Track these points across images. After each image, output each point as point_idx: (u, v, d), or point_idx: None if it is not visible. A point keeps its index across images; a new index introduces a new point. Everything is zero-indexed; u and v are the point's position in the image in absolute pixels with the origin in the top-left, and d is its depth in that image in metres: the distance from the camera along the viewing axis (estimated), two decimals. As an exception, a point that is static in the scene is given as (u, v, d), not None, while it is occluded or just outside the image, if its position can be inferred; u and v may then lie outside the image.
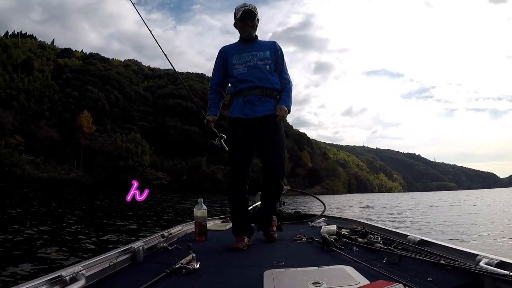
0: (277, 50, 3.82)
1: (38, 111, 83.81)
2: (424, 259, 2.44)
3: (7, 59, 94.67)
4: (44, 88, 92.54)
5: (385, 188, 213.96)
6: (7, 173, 60.72)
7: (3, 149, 66.70)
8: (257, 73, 3.66)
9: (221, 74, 3.85)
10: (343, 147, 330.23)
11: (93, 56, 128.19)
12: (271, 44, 3.85)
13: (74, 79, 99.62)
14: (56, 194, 28.96)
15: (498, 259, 2.09)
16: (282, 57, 3.89)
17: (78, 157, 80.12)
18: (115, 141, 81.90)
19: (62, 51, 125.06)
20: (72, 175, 73.74)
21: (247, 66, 3.68)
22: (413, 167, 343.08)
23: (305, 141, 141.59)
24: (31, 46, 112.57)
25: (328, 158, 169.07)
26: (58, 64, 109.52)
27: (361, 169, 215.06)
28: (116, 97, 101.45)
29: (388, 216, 19.10)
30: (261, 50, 3.75)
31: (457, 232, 11.01)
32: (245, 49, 3.76)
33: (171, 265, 2.44)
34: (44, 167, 72.76)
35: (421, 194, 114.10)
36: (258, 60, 3.69)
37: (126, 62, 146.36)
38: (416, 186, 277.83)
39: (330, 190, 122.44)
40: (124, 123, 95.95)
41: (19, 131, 73.77)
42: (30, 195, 24.31)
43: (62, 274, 1.98)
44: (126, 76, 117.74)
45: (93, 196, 30.21)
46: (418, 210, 22.26)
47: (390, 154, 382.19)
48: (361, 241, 3.13)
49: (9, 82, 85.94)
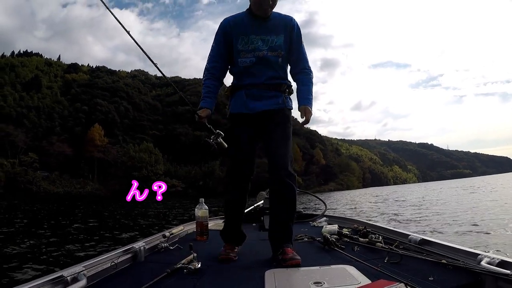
0: (293, 31, 3.04)
1: (49, 128, 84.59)
2: (426, 259, 2.44)
3: (15, 78, 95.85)
4: (54, 104, 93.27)
5: (400, 180, 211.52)
6: (22, 190, 61.17)
7: (17, 167, 67.58)
8: (266, 69, 2.98)
9: (222, 58, 3.06)
10: (355, 141, 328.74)
11: (100, 69, 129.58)
12: (286, 23, 3.04)
13: (83, 93, 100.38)
14: (68, 207, 28.95)
15: (499, 258, 2.08)
16: (300, 39, 3.10)
17: (92, 170, 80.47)
18: (128, 152, 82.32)
19: (69, 66, 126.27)
20: (88, 189, 74.00)
21: (255, 56, 2.95)
22: (426, 156, 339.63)
23: (317, 139, 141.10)
24: (38, 64, 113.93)
25: (341, 153, 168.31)
26: (66, 79, 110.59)
27: (374, 162, 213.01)
28: (125, 108, 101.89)
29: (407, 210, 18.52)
30: (274, 33, 2.99)
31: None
32: (255, 29, 2.97)
33: (172, 265, 2.45)
34: (60, 182, 73.39)
35: (436, 183, 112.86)
36: (269, 50, 2.96)
37: (133, 73, 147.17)
38: (431, 176, 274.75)
39: (345, 186, 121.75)
40: (135, 133, 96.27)
41: (32, 148, 74.81)
42: (41, 210, 24.34)
43: (64, 274, 1.98)
44: (134, 87, 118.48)
45: (104, 207, 30.18)
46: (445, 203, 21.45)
47: (403, 145, 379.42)
48: (363, 240, 3.14)
49: (19, 101, 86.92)
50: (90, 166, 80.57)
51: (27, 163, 70.28)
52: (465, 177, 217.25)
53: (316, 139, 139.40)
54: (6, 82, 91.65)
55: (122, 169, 78.76)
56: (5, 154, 70.11)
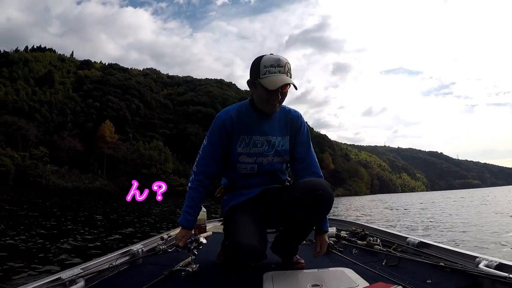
0: (300, 133, 2.57)
1: (61, 123, 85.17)
2: (424, 261, 2.44)
3: (28, 73, 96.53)
4: (66, 100, 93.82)
5: (408, 188, 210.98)
6: (32, 183, 61.52)
7: (28, 161, 68.06)
8: (269, 177, 2.57)
9: (216, 161, 2.51)
10: (364, 147, 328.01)
11: (113, 67, 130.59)
12: (293, 122, 2.55)
13: (95, 90, 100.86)
14: (72, 202, 28.93)
15: (497, 261, 2.09)
16: (309, 142, 2.61)
17: (102, 166, 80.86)
18: (138, 149, 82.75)
19: (82, 63, 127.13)
20: (97, 184, 74.40)
21: (257, 163, 2.49)
22: (435, 165, 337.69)
23: (327, 143, 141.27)
24: (51, 59, 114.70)
25: (350, 159, 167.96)
26: (79, 75, 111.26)
27: (383, 169, 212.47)
28: (137, 106, 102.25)
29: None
30: (280, 132, 2.51)
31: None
32: (259, 126, 2.47)
33: (170, 267, 2.42)
34: (69, 177, 73.74)
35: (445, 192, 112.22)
36: (275, 155, 2.50)
37: (145, 71, 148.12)
38: (440, 185, 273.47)
39: (353, 192, 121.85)
40: (146, 131, 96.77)
41: (43, 142, 75.36)
42: (44, 205, 24.16)
43: (61, 277, 1.99)
44: (146, 85, 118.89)
45: (109, 204, 30.32)
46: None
47: (412, 153, 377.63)
48: (361, 243, 3.14)
49: (31, 95, 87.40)
50: (100, 162, 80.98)
51: (38, 156, 70.69)
52: (474, 188, 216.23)
53: (325, 143, 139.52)
54: (19, 76, 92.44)
55: (132, 166, 79.06)
56: (16, 147, 70.33)
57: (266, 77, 2.26)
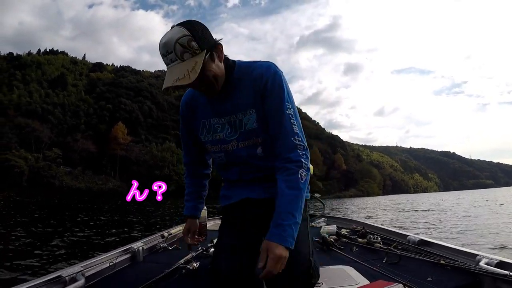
0: (266, 92, 1.71)
1: (74, 124, 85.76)
2: (424, 259, 2.45)
3: (42, 76, 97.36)
4: (79, 102, 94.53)
5: (420, 188, 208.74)
6: (45, 184, 61.87)
7: (41, 162, 68.56)
8: (246, 169, 1.89)
9: (192, 151, 2.08)
10: (376, 147, 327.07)
11: (125, 69, 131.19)
12: (256, 82, 1.73)
13: (107, 92, 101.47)
14: (82, 203, 29.01)
15: (497, 259, 2.10)
16: (280, 103, 1.72)
17: (115, 167, 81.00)
18: (150, 151, 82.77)
19: (94, 65, 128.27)
20: (109, 185, 74.68)
21: (223, 151, 1.88)
22: (448, 165, 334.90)
23: (338, 144, 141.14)
24: (64, 62, 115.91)
25: (362, 159, 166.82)
26: (91, 78, 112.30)
27: (395, 169, 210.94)
28: (149, 108, 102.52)
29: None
30: (242, 105, 1.77)
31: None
32: (217, 105, 1.83)
33: (170, 265, 2.46)
34: (82, 178, 74.14)
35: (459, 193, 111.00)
36: (239, 139, 1.81)
37: (156, 73, 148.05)
38: (452, 185, 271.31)
39: (365, 192, 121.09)
40: (158, 133, 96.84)
41: (56, 144, 76.05)
42: (51, 205, 24.23)
43: (62, 274, 2.00)
44: (158, 87, 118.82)
45: (118, 204, 30.63)
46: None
47: (424, 153, 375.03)
48: (361, 241, 3.12)
49: (45, 98, 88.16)
50: (113, 164, 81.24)
51: (51, 158, 71.34)
52: (487, 188, 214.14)
53: (337, 144, 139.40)
54: (32, 79, 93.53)
55: (144, 167, 79.02)
56: (30, 149, 70.94)
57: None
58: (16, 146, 69.11)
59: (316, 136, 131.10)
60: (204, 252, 2.88)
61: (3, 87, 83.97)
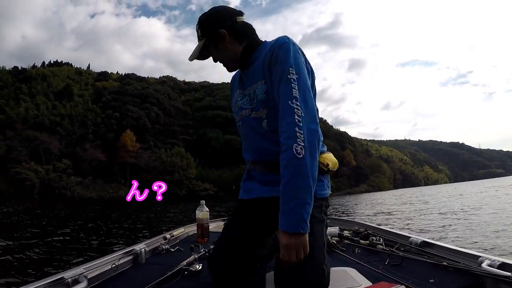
0: (273, 64, 1.76)
1: (82, 134, 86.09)
2: (426, 261, 2.44)
3: (48, 88, 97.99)
4: (86, 112, 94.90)
5: (431, 181, 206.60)
6: (57, 195, 62.21)
7: (52, 174, 68.98)
8: (251, 138, 1.97)
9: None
10: (385, 142, 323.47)
11: (130, 77, 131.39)
12: (268, 55, 1.80)
13: (114, 101, 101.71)
14: (91, 211, 29.12)
15: (500, 260, 2.10)
16: (282, 72, 1.70)
17: (125, 175, 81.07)
18: (160, 157, 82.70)
19: (99, 74, 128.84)
20: (121, 193, 74.35)
21: (241, 119, 2.01)
22: (457, 156, 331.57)
23: (347, 140, 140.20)
24: (69, 73, 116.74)
25: (371, 155, 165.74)
26: (97, 87, 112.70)
27: (405, 163, 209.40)
28: (156, 114, 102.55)
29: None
30: (256, 78, 1.89)
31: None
32: (242, 78, 2.04)
33: (173, 267, 2.44)
34: (93, 187, 74.42)
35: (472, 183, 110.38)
36: (250, 108, 1.93)
37: (161, 79, 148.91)
38: (463, 176, 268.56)
39: (376, 187, 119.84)
40: (166, 138, 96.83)
41: (66, 155, 76.39)
42: (58, 213, 24.35)
43: (64, 276, 2.01)
44: (164, 93, 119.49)
45: (126, 210, 30.54)
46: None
47: (433, 145, 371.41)
48: (363, 242, 3.10)
49: (52, 109, 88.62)
50: (123, 171, 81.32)
51: (61, 169, 71.63)
52: (498, 177, 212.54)
53: (346, 140, 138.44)
54: (38, 91, 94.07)
55: (154, 173, 78.83)
56: (40, 161, 71.41)
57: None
58: (26, 159, 69.57)
59: (324, 134, 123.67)
60: (207, 254, 2.80)
61: (10, 101, 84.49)
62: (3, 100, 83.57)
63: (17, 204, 34.52)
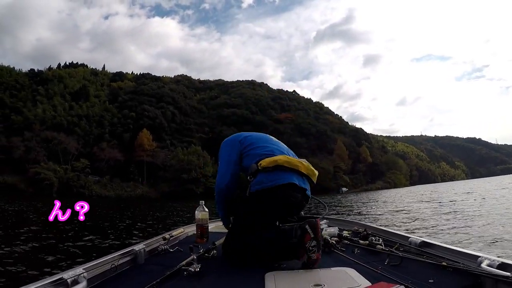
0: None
1: (99, 134, 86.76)
2: (426, 261, 2.46)
3: (64, 89, 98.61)
4: (103, 112, 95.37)
5: (448, 177, 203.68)
6: (75, 194, 62.71)
7: (70, 173, 69.65)
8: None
9: None
10: (401, 138, 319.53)
11: (145, 76, 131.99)
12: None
13: (130, 100, 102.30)
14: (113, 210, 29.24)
15: (499, 260, 2.12)
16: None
17: (142, 174, 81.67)
18: (177, 155, 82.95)
19: (114, 75, 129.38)
20: (138, 192, 75.49)
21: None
22: (474, 152, 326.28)
23: (363, 136, 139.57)
24: (84, 74, 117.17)
25: (387, 151, 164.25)
26: (112, 88, 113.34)
27: (421, 159, 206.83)
28: (172, 113, 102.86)
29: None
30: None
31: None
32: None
33: (172, 267, 2.47)
34: (111, 186, 75.06)
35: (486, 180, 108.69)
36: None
37: (176, 78, 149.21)
38: (480, 172, 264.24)
39: (392, 184, 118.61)
40: (183, 137, 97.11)
41: (83, 154, 77.19)
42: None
43: (64, 277, 2.03)
44: (179, 92, 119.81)
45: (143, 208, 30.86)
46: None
47: (450, 140, 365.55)
48: (363, 243, 3.12)
49: (69, 110, 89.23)
50: (140, 170, 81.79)
51: (79, 168, 72.28)
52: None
53: (362, 137, 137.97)
54: (55, 92, 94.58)
55: (171, 172, 79.62)
56: (58, 161, 72.26)
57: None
58: (44, 159, 70.39)
59: (340, 130, 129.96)
60: (206, 254, 2.87)
61: (27, 103, 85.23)
62: (20, 102, 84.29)
63: (34, 202, 34.84)
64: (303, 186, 2.84)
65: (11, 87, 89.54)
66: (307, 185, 2.91)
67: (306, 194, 2.91)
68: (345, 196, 62.71)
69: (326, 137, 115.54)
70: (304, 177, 2.90)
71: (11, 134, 73.21)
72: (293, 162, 2.84)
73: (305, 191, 2.88)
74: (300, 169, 2.84)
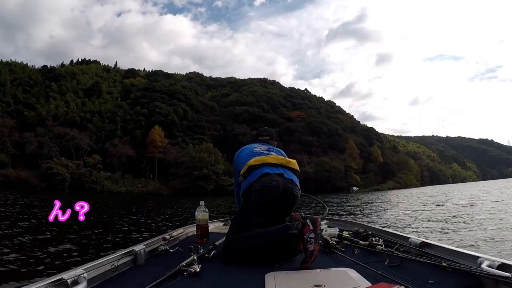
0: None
1: (111, 130, 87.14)
2: (426, 262, 2.47)
3: (77, 85, 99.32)
4: (115, 108, 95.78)
5: (459, 178, 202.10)
6: (87, 190, 63.19)
7: (82, 168, 70.06)
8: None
9: None
10: (412, 138, 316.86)
11: (157, 73, 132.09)
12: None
13: (142, 97, 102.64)
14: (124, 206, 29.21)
15: (499, 261, 2.12)
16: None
17: (153, 170, 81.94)
18: (188, 152, 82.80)
19: (127, 72, 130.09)
20: (149, 188, 75.76)
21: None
22: (486, 153, 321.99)
23: (374, 136, 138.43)
24: (97, 71, 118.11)
25: (398, 151, 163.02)
26: (125, 84, 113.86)
27: (432, 159, 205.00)
28: (184, 110, 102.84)
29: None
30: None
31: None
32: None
33: (172, 268, 2.47)
34: (122, 182, 75.69)
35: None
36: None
37: (188, 75, 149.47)
38: (491, 174, 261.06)
39: (403, 184, 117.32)
40: (194, 134, 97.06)
41: (96, 150, 77.90)
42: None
43: (64, 277, 2.03)
44: (191, 89, 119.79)
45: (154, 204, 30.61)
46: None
47: (461, 141, 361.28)
48: (363, 243, 3.13)
49: (81, 106, 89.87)
50: (151, 166, 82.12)
51: (91, 164, 72.77)
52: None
53: (373, 136, 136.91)
54: (68, 89, 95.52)
55: (183, 168, 79.61)
56: (70, 156, 72.98)
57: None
58: (57, 155, 71.29)
59: (351, 129, 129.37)
60: (206, 255, 2.87)
61: (40, 99, 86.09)
62: (33, 98, 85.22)
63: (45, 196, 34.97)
64: (276, 172, 3.19)
65: (24, 83, 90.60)
66: (282, 170, 3.25)
67: (286, 178, 3.20)
68: (355, 195, 62.22)
69: (337, 136, 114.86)
70: (278, 166, 3.27)
71: (24, 129, 74.11)
72: (261, 158, 3.31)
73: (283, 175, 3.20)
74: (268, 161, 3.28)
